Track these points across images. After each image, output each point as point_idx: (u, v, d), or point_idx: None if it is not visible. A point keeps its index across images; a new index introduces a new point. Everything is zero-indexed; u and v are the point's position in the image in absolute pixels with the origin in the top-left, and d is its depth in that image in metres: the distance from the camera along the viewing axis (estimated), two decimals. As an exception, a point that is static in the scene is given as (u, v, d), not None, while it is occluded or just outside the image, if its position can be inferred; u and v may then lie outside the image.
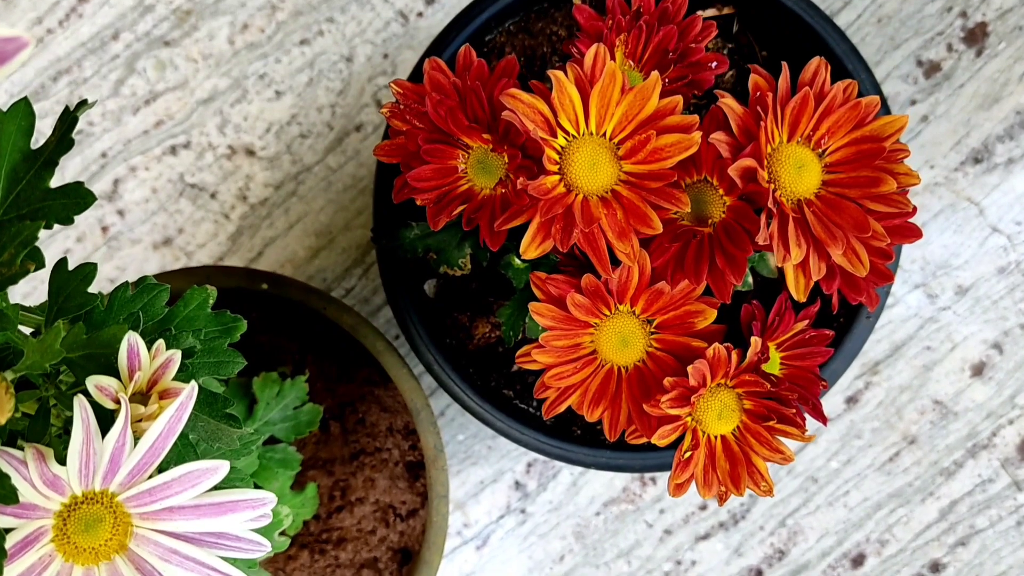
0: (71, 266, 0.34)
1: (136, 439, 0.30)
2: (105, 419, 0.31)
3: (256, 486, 0.54)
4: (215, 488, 0.31)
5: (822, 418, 0.39)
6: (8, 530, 0.28)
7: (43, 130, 0.72)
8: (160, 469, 0.32)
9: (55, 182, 0.32)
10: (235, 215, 0.74)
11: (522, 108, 0.36)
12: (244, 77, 0.73)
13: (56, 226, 0.33)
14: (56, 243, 0.72)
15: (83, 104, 0.29)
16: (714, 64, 0.42)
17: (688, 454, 0.38)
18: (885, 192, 0.36)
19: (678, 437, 0.38)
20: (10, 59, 0.20)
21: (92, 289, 0.33)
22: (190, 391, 0.29)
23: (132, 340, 0.30)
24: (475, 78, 0.39)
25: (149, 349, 0.31)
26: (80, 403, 0.28)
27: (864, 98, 0.37)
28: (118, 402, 0.30)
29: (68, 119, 0.29)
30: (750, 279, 0.45)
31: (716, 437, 0.39)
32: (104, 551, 0.31)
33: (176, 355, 0.31)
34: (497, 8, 0.57)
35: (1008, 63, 0.71)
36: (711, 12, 0.56)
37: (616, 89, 0.36)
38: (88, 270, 0.32)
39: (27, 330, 0.35)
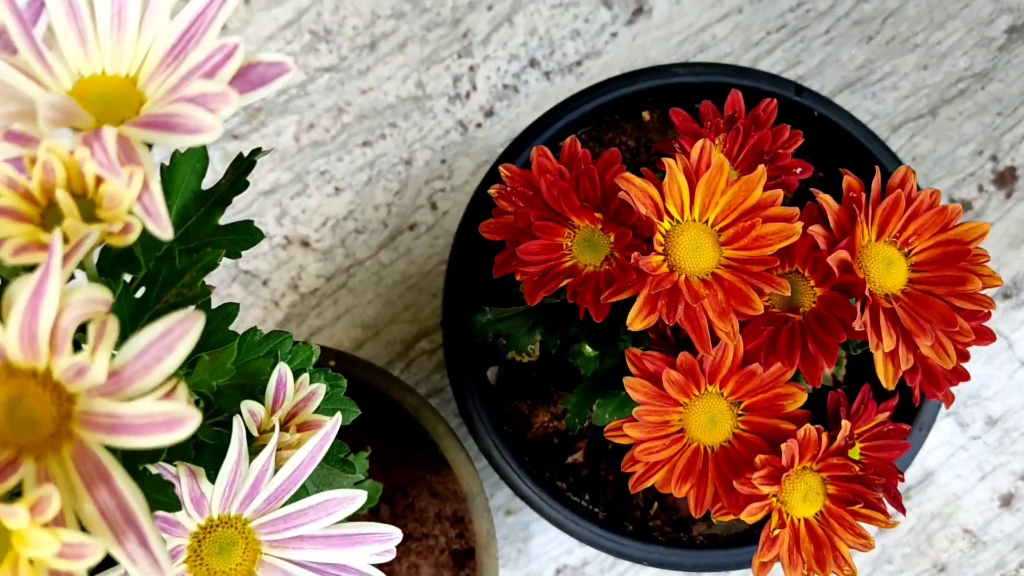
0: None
1: (276, 468, 0.31)
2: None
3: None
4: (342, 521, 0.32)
5: (901, 508, 0.41)
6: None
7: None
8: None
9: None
10: (284, 303, 0.76)
11: (634, 191, 0.38)
12: (306, 172, 0.76)
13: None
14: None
15: (258, 151, 0.32)
16: (799, 170, 0.45)
17: (776, 532, 0.39)
18: (970, 291, 0.39)
19: (764, 516, 0.39)
20: (270, 83, 0.22)
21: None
22: (334, 423, 0.30)
23: (282, 371, 0.31)
24: (587, 163, 0.42)
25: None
26: (238, 424, 0.29)
27: (949, 205, 0.40)
28: (261, 430, 0.31)
29: (243, 163, 0.31)
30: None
31: (800, 519, 0.40)
32: (233, 576, 0.32)
33: (320, 389, 0.32)
34: (570, 119, 0.61)
35: (1037, 205, 0.75)
36: (773, 133, 0.60)
37: (722, 180, 0.39)
38: (231, 309, 0.34)
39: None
